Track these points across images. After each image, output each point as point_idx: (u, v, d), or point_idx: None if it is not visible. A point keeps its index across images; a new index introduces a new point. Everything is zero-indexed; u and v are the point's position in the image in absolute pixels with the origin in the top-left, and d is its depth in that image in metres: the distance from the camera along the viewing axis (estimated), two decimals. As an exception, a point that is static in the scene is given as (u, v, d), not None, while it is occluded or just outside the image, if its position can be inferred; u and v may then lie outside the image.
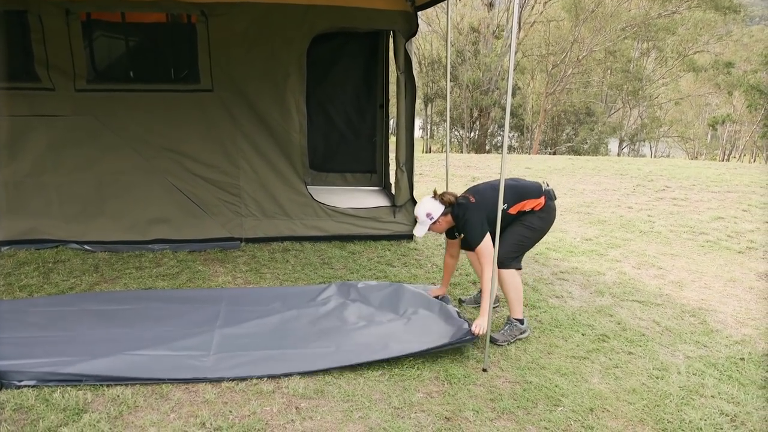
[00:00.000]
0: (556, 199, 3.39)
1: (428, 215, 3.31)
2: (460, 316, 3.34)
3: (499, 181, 2.91)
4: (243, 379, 2.80)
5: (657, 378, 2.93)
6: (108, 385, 2.68)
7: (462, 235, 3.41)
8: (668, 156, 29.72)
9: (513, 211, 3.25)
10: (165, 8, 4.59)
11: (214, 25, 4.59)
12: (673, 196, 7.70)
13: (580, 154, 23.75)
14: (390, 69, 6.20)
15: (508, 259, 3.27)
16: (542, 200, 3.29)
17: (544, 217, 3.32)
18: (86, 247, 4.76)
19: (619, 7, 23.44)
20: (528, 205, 3.27)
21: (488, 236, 3.15)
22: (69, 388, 2.64)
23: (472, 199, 3.28)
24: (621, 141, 28.74)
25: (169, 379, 2.76)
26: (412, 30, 4.91)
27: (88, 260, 4.53)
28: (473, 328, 3.09)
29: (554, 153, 26.72)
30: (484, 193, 3.30)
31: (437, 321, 3.35)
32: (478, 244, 3.16)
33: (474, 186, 3.47)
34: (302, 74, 4.88)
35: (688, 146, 31.32)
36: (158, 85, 4.78)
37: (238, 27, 4.64)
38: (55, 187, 4.70)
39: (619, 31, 24.22)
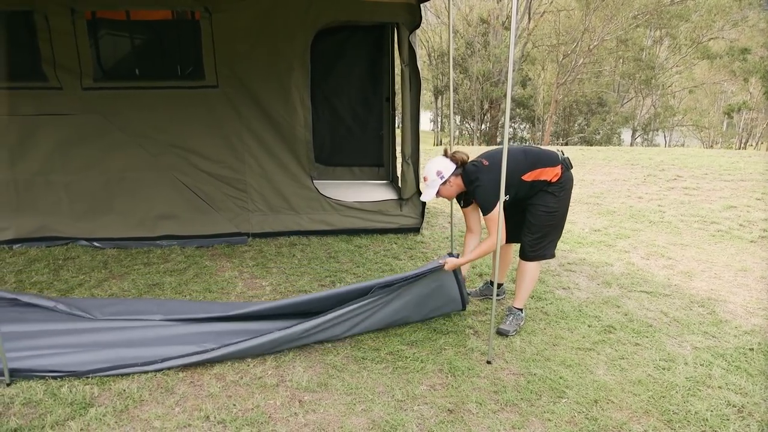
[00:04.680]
0: (572, 167, 3.19)
1: (439, 173, 3.11)
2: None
3: (512, 147, 2.82)
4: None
5: (663, 369, 2.90)
6: (114, 380, 2.72)
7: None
8: (683, 145, 29.32)
9: (529, 177, 3.06)
10: (168, 5, 4.61)
11: (217, 21, 4.60)
12: (685, 186, 7.59)
13: (592, 145, 23.53)
14: (396, 62, 6.17)
15: (533, 251, 3.20)
16: (559, 170, 3.09)
17: (562, 196, 3.11)
18: (95, 244, 4.81)
19: (630, -5, 23.12)
20: (544, 174, 3.07)
21: (499, 207, 2.93)
22: (76, 382, 2.68)
23: (485, 163, 3.10)
24: (634, 131, 28.42)
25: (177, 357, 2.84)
26: (415, 22, 4.87)
27: (97, 257, 4.59)
28: (446, 265, 3.12)
29: (566, 144, 26.50)
30: (497, 156, 3.05)
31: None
32: (491, 210, 2.98)
33: (486, 151, 3.24)
34: (306, 69, 4.88)
35: (703, 135, 30.88)
36: (164, 83, 4.81)
37: (241, 23, 4.64)
38: (64, 185, 4.76)
39: (631, 19, 23.91)
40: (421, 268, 3.20)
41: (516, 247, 3.49)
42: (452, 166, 3.14)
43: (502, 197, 2.84)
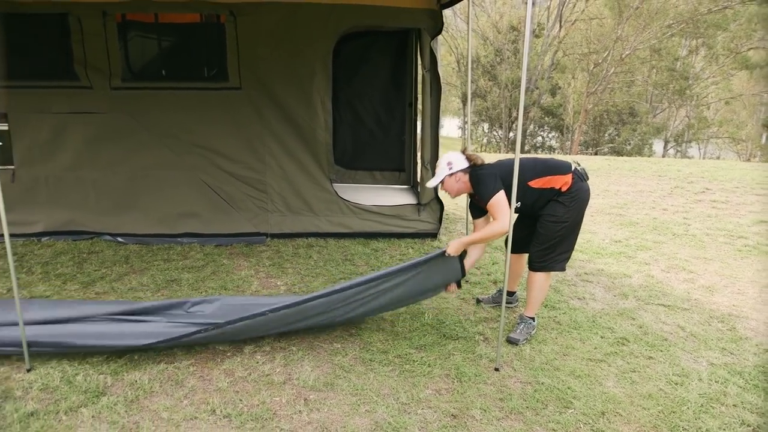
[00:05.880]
0: (587, 179, 3.15)
1: (449, 164, 3.13)
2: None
3: (522, 157, 2.82)
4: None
5: (676, 384, 2.83)
6: (126, 371, 2.79)
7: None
8: (718, 158, 28.52)
9: (536, 184, 3.05)
10: (194, 9, 4.74)
11: (241, 24, 4.70)
12: (713, 199, 7.40)
13: (622, 155, 23.08)
14: (419, 67, 6.19)
15: (540, 262, 3.19)
16: (569, 178, 3.05)
17: (573, 206, 3.06)
18: (119, 239, 4.95)
19: (665, 4, 22.64)
20: (553, 181, 3.05)
21: (502, 193, 2.97)
22: (91, 371, 2.77)
23: (491, 162, 3.18)
24: (666, 142, 27.78)
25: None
26: (437, 27, 4.90)
27: (119, 252, 4.72)
28: (449, 248, 3.05)
29: (596, 153, 26.05)
30: (504, 160, 3.18)
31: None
32: (490, 196, 2.98)
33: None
34: (328, 72, 4.94)
35: (740, 148, 29.95)
36: (189, 84, 4.93)
37: (264, 26, 4.74)
38: (91, 181, 4.92)
39: (665, 28, 23.40)
40: (423, 257, 3.12)
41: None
42: (465, 163, 3.15)
43: (515, 197, 2.82)
